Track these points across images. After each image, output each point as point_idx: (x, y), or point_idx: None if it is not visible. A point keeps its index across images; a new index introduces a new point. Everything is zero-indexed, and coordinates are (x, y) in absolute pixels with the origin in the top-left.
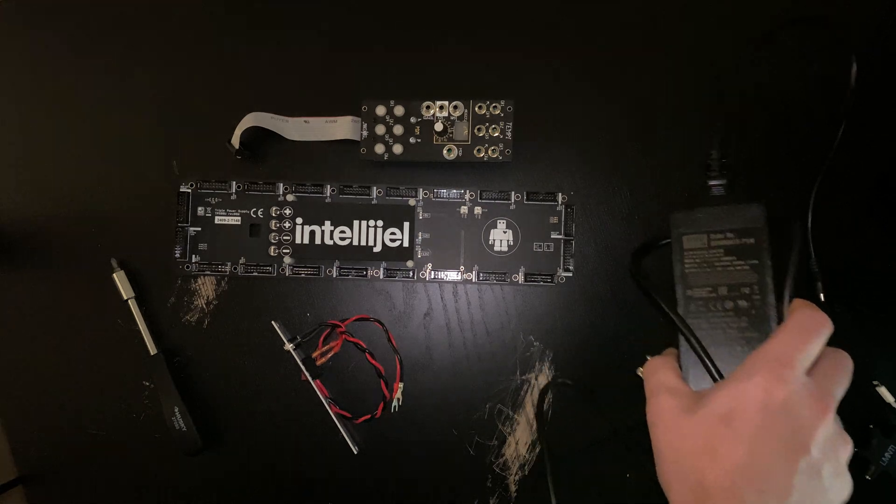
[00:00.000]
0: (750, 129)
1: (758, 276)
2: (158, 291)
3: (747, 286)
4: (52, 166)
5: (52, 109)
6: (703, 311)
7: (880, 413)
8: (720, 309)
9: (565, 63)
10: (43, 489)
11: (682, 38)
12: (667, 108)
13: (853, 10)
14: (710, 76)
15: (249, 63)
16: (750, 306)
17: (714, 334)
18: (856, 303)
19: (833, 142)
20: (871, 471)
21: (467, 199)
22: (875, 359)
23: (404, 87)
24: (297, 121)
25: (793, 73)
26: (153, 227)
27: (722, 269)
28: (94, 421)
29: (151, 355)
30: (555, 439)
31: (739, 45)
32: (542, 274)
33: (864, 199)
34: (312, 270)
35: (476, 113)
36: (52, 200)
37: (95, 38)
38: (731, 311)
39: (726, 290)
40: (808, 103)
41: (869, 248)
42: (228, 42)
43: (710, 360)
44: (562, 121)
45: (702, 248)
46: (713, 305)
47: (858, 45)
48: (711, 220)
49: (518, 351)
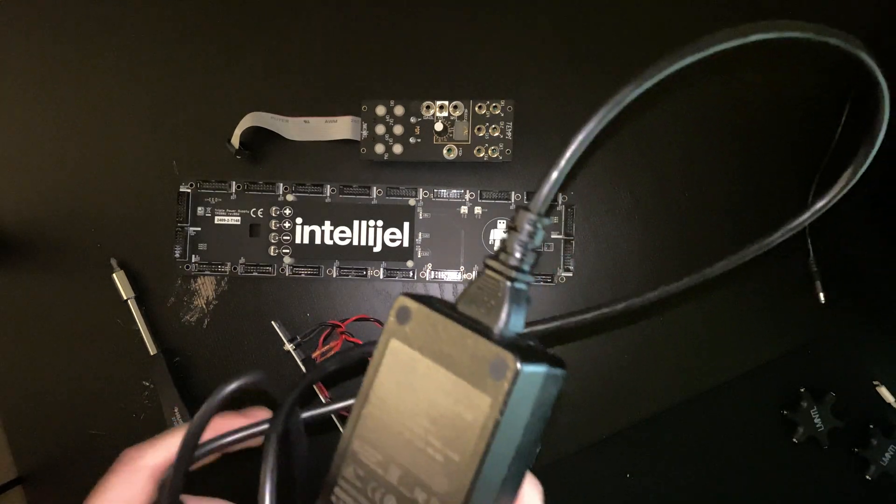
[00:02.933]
0: (750, 128)
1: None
2: (158, 291)
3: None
4: (52, 166)
5: (52, 109)
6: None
7: (880, 413)
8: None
9: (565, 62)
10: (43, 489)
11: (683, 37)
12: (668, 107)
13: (854, 9)
14: (710, 76)
15: (249, 63)
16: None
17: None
18: (855, 303)
19: (832, 141)
20: (872, 471)
21: (467, 199)
22: (875, 359)
23: (404, 87)
24: (296, 121)
25: (793, 73)
26: (153, 227)
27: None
28: (94, 421)
29: (151, 355)
30: (555, 439)
31: (740, 45)
32: (542, 274)
33: (864, 199)
34: (312, 270)
35: (476, 113)
36: (52, 200)
37: (95, 38)
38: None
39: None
40: (809, 103)
41: (868, 248)
42: (228, 42)
43: None
44: (562, 120)
45: (409, 369)
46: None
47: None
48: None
49: None
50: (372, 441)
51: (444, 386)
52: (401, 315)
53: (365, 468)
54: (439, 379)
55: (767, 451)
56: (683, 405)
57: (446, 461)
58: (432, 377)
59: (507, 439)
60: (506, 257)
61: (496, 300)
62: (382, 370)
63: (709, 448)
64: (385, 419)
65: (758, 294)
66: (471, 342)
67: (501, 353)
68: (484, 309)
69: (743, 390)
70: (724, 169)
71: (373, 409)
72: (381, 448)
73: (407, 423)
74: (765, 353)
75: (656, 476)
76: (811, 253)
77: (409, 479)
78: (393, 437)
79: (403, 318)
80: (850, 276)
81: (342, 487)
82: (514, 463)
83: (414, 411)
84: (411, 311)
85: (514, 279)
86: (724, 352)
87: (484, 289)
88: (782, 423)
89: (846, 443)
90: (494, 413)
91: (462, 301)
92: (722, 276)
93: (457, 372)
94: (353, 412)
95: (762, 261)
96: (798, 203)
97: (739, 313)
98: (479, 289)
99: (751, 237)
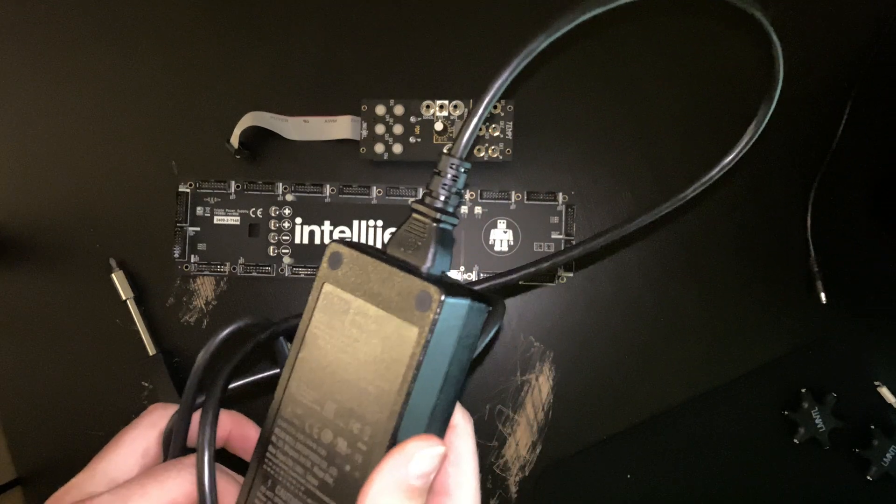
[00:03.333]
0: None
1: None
2: (157, 292)
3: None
4: (50, 166)
5: (51, 109)
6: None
7: (882, 413)
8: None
9: (566, 62)
10: (42, 490)
11: (684, 36)
12: (669, 107)
13: (854, 9)
14: (711, 75)
15: (249, 62)
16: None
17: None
18: (857, 303)
19: (833, 141)
20: (873, 471)
21: (467, 199)
22: (876, 359)
23: (404, 87)
24: (296, 120)
25: (795, 72)
26: (152, 227)
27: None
28: (94, 421)
29: (150, 356)
30: (555, 440)
31: (741, 45)
32: (543, 274)
33: (864, 198)
34: (312, 270)
35: None
36: (50, 200)
37: (94, 37)
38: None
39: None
40: (810, 102)
41: (869, 247)
42: (228, 41)
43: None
44: (563, 120)
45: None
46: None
47: (860, 43)
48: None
49: (518, 351)
50: (308, 381)
51: (374, 322)
52: (332, 261)
53: (302, 406)
54: (369, 316)
55: (768, 452)
56: (684, 406)
57: (378, 392)
58: (363, 315)
59: (435, 367)
60: (431, 200)
61: (423, 241)
62: (316, 314)
63: (709, 449)
64: (320, 359)
65: (759, 294)
66: (398, 279)
67: (426, 286)
68: (411, 250)
69: (744, 391)
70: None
71: (308, 351)
72: (317, 386)
73: (341, 360)
74: (766, 353)
75: (657, 477)
76: (812, 253)
77: (344, 413)
78: (328, 376)
79: (335, 263)
80: (852, 277)
81: (281, 427)
82: (443, 392)
83: (346, 349)
84: (343, 256)
85: (439, 220)
86: (724, 352)
87: (412, 231)
88: (783, 424)
89: (847, 443)
90: (421, 341)
91: (391, 245)
92: (640, 231)
93: (386, 308)
94: (290, 357)
95: (763, 261)
96: (799, 202)
97: (740, 313)
98: (408, 232)
99: (752, 237)
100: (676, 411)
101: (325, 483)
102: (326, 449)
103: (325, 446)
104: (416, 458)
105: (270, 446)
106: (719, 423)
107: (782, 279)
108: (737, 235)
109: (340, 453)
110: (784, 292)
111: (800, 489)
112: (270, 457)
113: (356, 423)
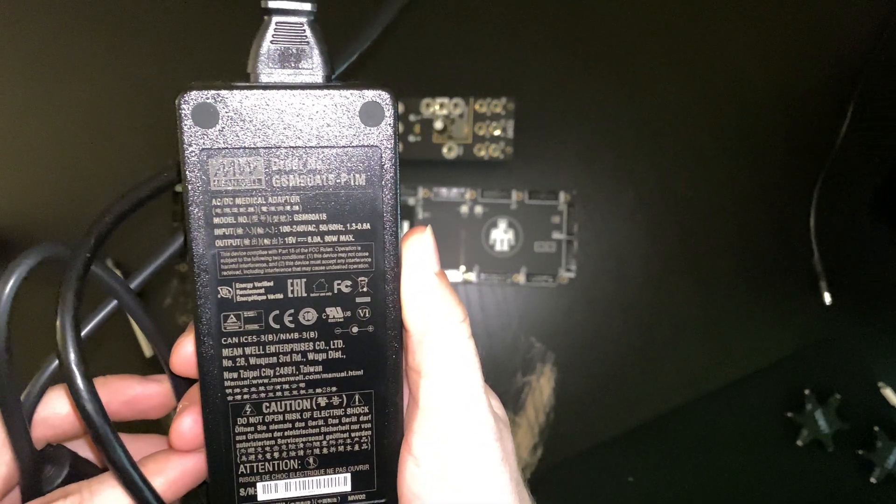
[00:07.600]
0: (755, 127)
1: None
2: (154, 293)
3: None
4: (47, 166)
5: (49, 108)
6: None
7: (886, 415)
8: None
9: (567, 60)
10: None
11: (685, 36)
12: (671, 106)
13: (857, 9)
14: (713, 75)
15: (248, 61)
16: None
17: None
18: (860, 304)
19: (836, 140)
20: (877, 473)
21: (468, 199)
22: (880, 360)
23: (404, 85)
24: None
25: (798, 72)
26: (149, 227)
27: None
28: None
29: (147, 357)
30: (556, 443)
31: (744, 44)
32: (545, 274)
33: (868, 198)
34: None
35: (477, 111)
36: (47, 200)
37: (93, 36)
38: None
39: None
40: (813, 102)
41: (873, 247)
42: (227, 40)
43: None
44: (564, 119)
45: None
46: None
47: (863, 43)
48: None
49: (519, 352)
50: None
51: (310, 167)
52: (199, 117)
53: (253, 305)
54: (296, 164)
55: (771, 454)
56: (686, 407)
57: (357, 235)
58: (293, 164)
59: (397, 171)
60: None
61: (308, 46)
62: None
63: (712, 450)
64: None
65: (762, 295)
66: (324, 102)
67: (364, 94)
68: (293, 63)
69: (747, 392)
70: (728, 168)
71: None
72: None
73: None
74: (769, 354)
75: (659, 479)
76: (816, 253)
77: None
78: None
79: (205, 120)
80: (856, 277)
81: (232, 343)
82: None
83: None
84: (216, 107)
85: (312, 13)
86: (727, 353)
87: (280, 41)
88: (786, 426)
89: (851, 445)
90: (388, 153)
91: (261, 67)
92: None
93: (321, 143)
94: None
95: (766, 261)
96: (802, 202)
97: (743, 314)
98: (274, 44)
99: (755, 237)
100: (679, 413)
101: (332, 359)
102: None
103: (311, 326)
104: (427, 240)
105: (227, 372)
106: (722, 425)
107: (786, 280)
108: (740, 236)
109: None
110: (787, 293)
111: (803, 491)
112: (232, 384)
113: (345, 285)
